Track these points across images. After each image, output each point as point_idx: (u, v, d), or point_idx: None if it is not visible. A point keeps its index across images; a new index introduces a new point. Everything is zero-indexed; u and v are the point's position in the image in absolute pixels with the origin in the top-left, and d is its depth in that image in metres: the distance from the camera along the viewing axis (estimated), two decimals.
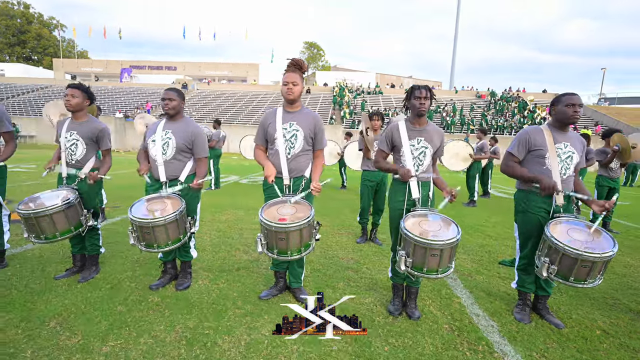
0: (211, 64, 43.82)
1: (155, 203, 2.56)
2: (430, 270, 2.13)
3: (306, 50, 65.01)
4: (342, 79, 39.51)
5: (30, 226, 2.58)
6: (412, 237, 2.11)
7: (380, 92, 36.43)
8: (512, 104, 29.80)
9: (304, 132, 2.50)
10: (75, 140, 2.84)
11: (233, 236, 4.36)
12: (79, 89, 2.84)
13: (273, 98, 34.79)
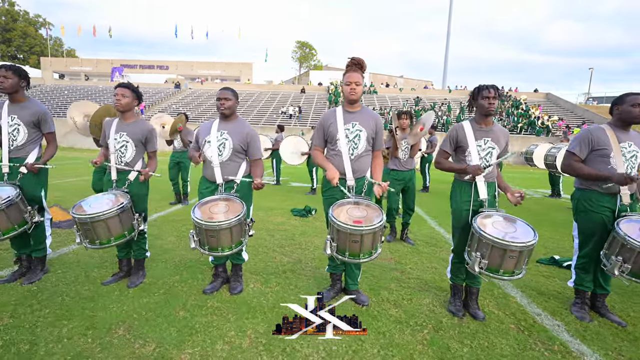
0: (204, 63, 43.31)
1: (216, 205, 2.51)
2: (506, 272, 2.14)
3: (298, 49, 64.85)
4: (336, 78, 39.54)
5: (86, 231, 2.50)
6: (491, 239, 2.11)
7: (375, 92, 36.58)
8: (506, 103, 30.25)
9: (367, 132, 2.49)
10: (125, 142, 2.77)
11: (265, 238, 4.32)
12: (129, 88, 2.77)
13: (268, 97, 34.61)
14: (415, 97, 33.35)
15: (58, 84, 37.60)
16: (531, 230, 2.21)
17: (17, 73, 2.71)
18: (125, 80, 39.27)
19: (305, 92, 36.43)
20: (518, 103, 30.10)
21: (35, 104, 2.83)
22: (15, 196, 2.58)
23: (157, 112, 30.43)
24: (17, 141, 2.76)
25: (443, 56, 42.29)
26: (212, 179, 2.66)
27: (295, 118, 28.83)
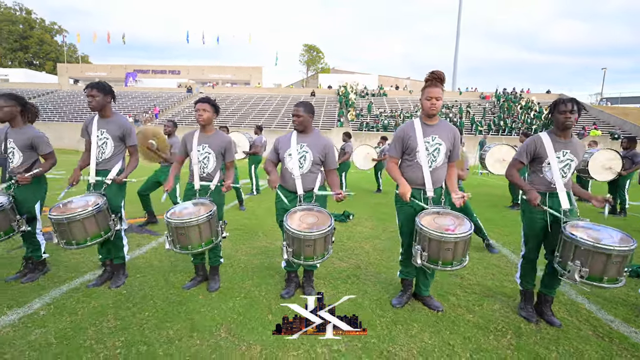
0: (215, 67, 43.83)
1: (307, 216, 2.64)
2: (610, 279, 2.21)
3: (306, 52, 65.20)
4: (346, 81, 39.74)
5: (179, 236, 2.65)
6: (596, 246, 2.16)
7: (384, 94, 36.66)
8: (519, 105, 30.07)
9: (446, 146, 2.60)
10: (207, 154, 2.92)
11: None
12: (209, 102, 2.92)
13: (278, 101, 34.90)
14: None
15: (74, 89, 38.31)
16: (626, 236, 2.29)
17: (103, 90, 2.88)
18: (138, 84, 39.95)
19: (315, 95, 36.65)
20: (531, 104, 29.93)
21: (121, 118, 3.01)
22: (103, 203, 2.75)
23: (170, 116, 30.99)
24: (105, 154, 2.93)
25: (451, 58, 42.26)
26: (292, 189, 2.79)
27: None
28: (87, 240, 2.71)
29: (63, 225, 2.63)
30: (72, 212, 2.65)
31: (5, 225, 2.81)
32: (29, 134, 2.97)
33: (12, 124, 2.97)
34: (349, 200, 7.78)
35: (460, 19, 41.10)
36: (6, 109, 2.88)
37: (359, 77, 44.05)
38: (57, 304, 2.63)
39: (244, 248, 4.15)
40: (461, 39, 41.65)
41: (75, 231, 2.65)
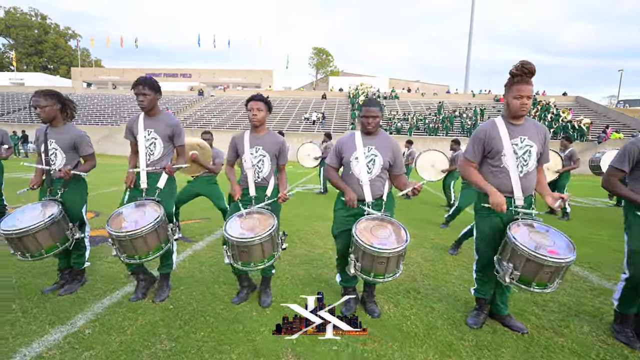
0: (226, 70, 44.01)
1: (378, 228, 2.37)
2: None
3: (315, 56, 65.21)
4: (359, 83, 39.52)
5: (241, 253, 2.40)
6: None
7: (396, 97, 36.33)
8: (536, 107, 29.44)
9: (537, 147, 2.31)
10: (262, 157, 2.68)
11: None
12: (263, 101, 2.67)
13: (289, 103, 34.81)
14: (439, 102, 32.90)
15: (87, 92, 38.81)
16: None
17: (154, 88, 2.67)
18: None
19: (326, 98, 36.49)
20: (548, 107, 29.30)
21: (169, 116, 2.79)
22: (162, 215, 2.52)
23: (182, 119, 31.12)
24: (154, 155, 2.71)
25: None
26: (360, 197, 2.52)
27: (318, 124, 28.84)
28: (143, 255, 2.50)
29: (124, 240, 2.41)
30: (139, 228, 2.40)
31: (60, 235, 2.59)
32: (71, 134, 2.77)
33: (53, 124, 2.77)
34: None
35: (472, 20, 40.63)
36: (47, 108, 2.67)
37: (370, 80, 43.75)
38: (102, 320, 2.39)
39: (284, 257, 3.89)
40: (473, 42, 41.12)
41: (138, 245, 2.42)
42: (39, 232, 2.47)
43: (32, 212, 2.60)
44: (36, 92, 2.69)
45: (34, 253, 2.51)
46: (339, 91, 38.67)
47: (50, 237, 2.54)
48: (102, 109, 33.19)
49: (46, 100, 2.67)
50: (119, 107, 33.31)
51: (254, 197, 2.66)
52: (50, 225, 2.53)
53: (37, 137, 2.82)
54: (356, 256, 2.30)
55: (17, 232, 2.41)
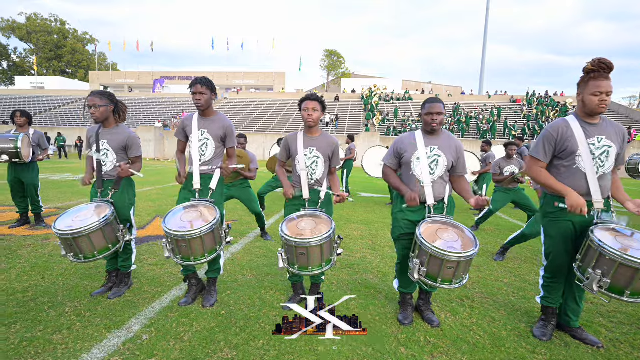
0: (239, 73, 44.44)
1: (443, 231, 2.27)
2: None
3: (326, 58, 65.25)
4: (371, 84, 39.36)
5: (299, 255, 2.32)
6: None
7: (410, 98, 36.02)
8: (555, 110, 28.75)
9: (616, 148, 2.17)
10: (315, 158, 2.60)
11: None
12: (318, 100, 2.59)
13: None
14: (454, 104, 32.47)
15: None
16: None
17: (210, 87, 2.63)
18: (165, 90, 40.85)
19: (339, 99, 36.42)
20: (565, 108, 28.60)
21: (224, 117, 2.74)
22: (219, 217, 2.46)
23: None
24: (205, 156, 2.67)
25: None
26: (421, 199, 2.41)
27: (332, 126, 28.77)
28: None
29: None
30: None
31: (112, 237, 2.56)
32: (124, 134, 2.75)
33: (105, 124, 2.75)
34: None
35: (487, 21, 40.07)
36: (102, 108, 2.66)
37: (382, 81, 43.53)
38: (157, 326, 2.34)
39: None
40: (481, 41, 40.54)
41: (195, 246, 2.36)
42: (93, 232, 2.44)
43: (85, 213, 2.58)
44: (92, 92, 2.69)
45: (87, 254, 2.48)
46: (352, 93, 38.55)
47: (104, 238, 2.51)
48: None
49: (101, 100, 2.65)
50: (135, 110, 33.87)
51: (307, 199, 2.58)
52: (104, 227, 2.50)
53: (88, 137, 2.81)
54: (421, 260, 2.20)
55: (74, 232, 2.38)
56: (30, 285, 2.90)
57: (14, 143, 4.32)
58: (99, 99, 2.65)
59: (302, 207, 2.57)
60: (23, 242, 4.09)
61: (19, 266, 3.32)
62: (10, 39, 50.73)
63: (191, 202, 2.59)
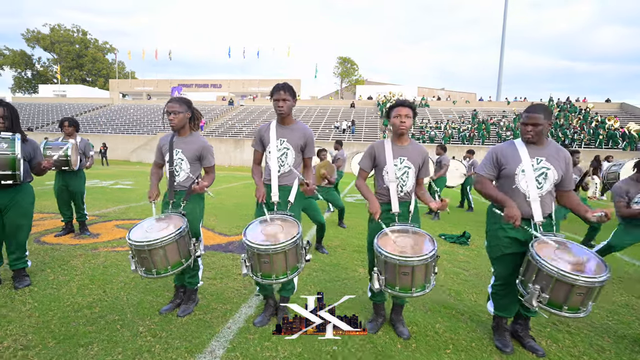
0: (254, 80, 44.87)
1: (562, 251, 2.05)
2: None
3: (340, 65, 65.49)
4: (385, 91, 39.21)
5: (402, 275, 2.13)
6: None
7: (426, 105, 35.65)
8: (578, 115, 27.99)
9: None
10: (406, 169, 2.41)
11: (453, 272, 3.82)
12: (411, 107, 2.41)
13: (317, 112, 34.85)
14: (473, 110, 31.97)
15: (124, 103, 40.44)
16: None
17: (292, 94, 2.50)
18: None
19: (354, 106, 36.33)
20: (587, 114, 27.79)
21: (303, 126, 2.60)
22: (301, 231, 2.30)
23: (213, 128, 31.76)
24: (285, 167, 2.51)
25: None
26: (526, 215, 2.20)
27: (348, 132, 28.63)
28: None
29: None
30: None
31: (185, 251, 2.42)
32: (198, 143, 2.62)
33: (180, 132, 2.63)
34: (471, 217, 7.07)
35: (505, 27, 39.58)
36: (180, 115, 2.55)
37: (396, 88, 43.33)
38: (241, 349, 2.17)
39: None
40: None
41: (278, 262, 2.20)
42: (169, 245, 2.30)
43: (159, 225, 2.44)
44: (172, 99, 2.58)
45: (160, 269, 2.34)
46: (368, 99, 38.44)
47: (178, 252, 2.37)
48: (138, 119, 34.40)
49: (180, 106, 2.54)
50: (154, 117, 34.42)
51: (397, 213, 2.39)
52: (179, 239, 2.36)
53: (160, 146, 2.69)
54: (541, 286, 1.97)
55: (150, 243, 2.24)
56: (94, 300, 2.78)
57: (64, 151, 4.27)
58: (178, 105, 2.54)
59: (392, 223, 2.37)
60: (73, 251, 4.01)
61: (77, 278, 3.22)
62: (34, 49, 52.47)
63: (269, 215, 2.43)
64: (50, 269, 3.43)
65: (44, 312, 2.55)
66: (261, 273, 2.25)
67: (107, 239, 4.62)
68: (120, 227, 5.32)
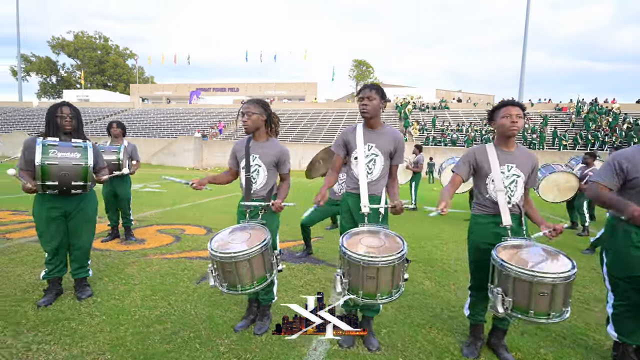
0: (271, 84, 45.13)
1: None
2: None
3: (355, 68, 65.30)
4: (403, 93, 38.79)
5: (537, 296, 1.88)
6: None
7: (446, 107, 35.02)
8: (607, 117, 26.90)
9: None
10: (515, 177, 2.16)
11: None
12: (522, 107, 2.17)
13: (335, 115, 34.68)
14: None
15: (145, 107, 41.25)
16: None
17: (380, 93, 2.28)
18: (200, 101, 42.02)
19: None
20: (617, 116, 26.67)
21: (393, 130, 2.38)
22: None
23: (232, 131, 31.98)
24: (373, 174, 2.30)
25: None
26: None
27: None
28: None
29: None
30: None
31: (269, 264, 2.22)
32: (276, 149, 2.45)
33: (256, 136, 2.46)
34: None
35: (527, 27, 38.58)
36: (254, 116, 2.39)
37: (413, 90, 42.81)
38: None
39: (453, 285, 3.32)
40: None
41: (384, 279, 1.96)
42: (255, 257, 2.10)
43: (241, 235, 2.26)
44: (249, 100, 2.44)
45: (246, 285, 2.13)
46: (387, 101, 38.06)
47: (263, 265, 2.17)
48: (158, 123, 34.96)
49: (256, 107, 2.39)
50: (173, 121, 34.92)
51: (510, 226, 2.12)
52: (265, 251, 2.16)
53: (235, 151, 2.52)
54: None
55: (237, 254, 2.04)
56: (162, 314, 2.62)
57: (116, 154, 4.18)
58: (253, 106, 2.39)
59: (504, 238, 2.11)
60: (125, 258, 3.90)
61: (137, 288, 3.08)
62: (59, 56, 54.23)
63: (371, 227, 2.20)
64: (107, 277, 3.31)
65: (115, 327, 2.40)
66: (362, 292, 2.02)
67: (154, 245, 4.50)
68: (162, 233, 5.22)
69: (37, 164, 2.40)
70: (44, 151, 2.44)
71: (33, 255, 3.83)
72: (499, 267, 1.90)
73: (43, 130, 2.63)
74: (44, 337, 2.24)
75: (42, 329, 2.33)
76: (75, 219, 2.75)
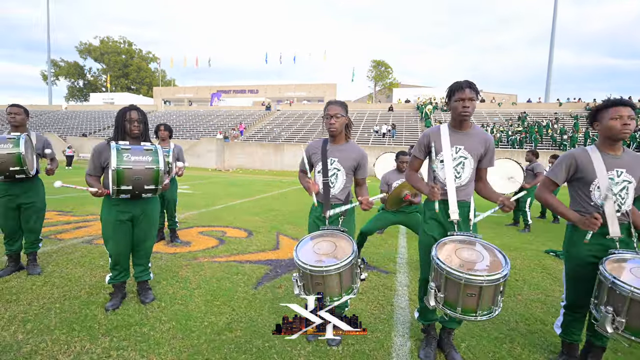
0: (290, 85, 45.29)
1: None
2: None
3: (374, 68, 64.80)
4: (420, 95, 38.21)
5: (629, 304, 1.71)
6: None
7: None
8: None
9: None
10: (626, 183, 1.99)
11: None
12: (633, 107, 1.98)
13: (355, 116, 34.46)
14: (522, 112, 30.23)
15: (167, 110, 42.21)
16: None
17: (475, 91, 2.15)
18: (221, 103, 42.64)
19: (393, 110, 35.58)
20: None
21: (482, 131, 2.24)
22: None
23: (252, 133, 32.26)
24: (462, 180, 2.16)
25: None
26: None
27: (389, 136, 27.99)
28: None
29: None
30: None
31: (354, 274, 2.12)
32: (357, 152, 2.36)
33: (335, 139, 2.37)
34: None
35: (555, 25, 37.31)
36: (342, 118, 2.32)
37: (431, 90, 42.06)
38: None
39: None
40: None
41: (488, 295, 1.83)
42: (345, 270, 2.01)
43: (326, 245, 2.16)
44: (334, 102, 2.36)
45: (334, 296, 2.03)
46: (406, 102, 37.59)
47: (351, 276, 2.08)
48: (180, 124, 35.68)
49: (342, 109, 2.30)
50: (195, 123, 35.57)
51: (618, 238, 1.95)
52: (354, 264, 2.07)
53: (308, 154, 2.44)
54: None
55: (328, 269, 1.95)
56: (230, 321, 2.57)
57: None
58: (340, 108, 2.30)
59: (611, 250, 1.94)
60: (176, 261, 3.89)
61: (197, 293, 3.04)
62: (86, 60, 56.33)
63: (464, 236, 2.07)
64: (164, 280, 3.30)
65: (187, 334, 2.36)
66: (461, 309, 1.89)
67: (200, 247, 4.49)
68: (204, 235, 5.22)
69: (113, 168, 2.38)
70: (119, 155, 2.43)
71: (87, 256, 3.87)
72: (610, 285, 1.74)
73: (77, 134, 2.64)
74: (120, 342, 2.22)
75: (116, 334, 2.31)
76: (142, 223, 2.74)
